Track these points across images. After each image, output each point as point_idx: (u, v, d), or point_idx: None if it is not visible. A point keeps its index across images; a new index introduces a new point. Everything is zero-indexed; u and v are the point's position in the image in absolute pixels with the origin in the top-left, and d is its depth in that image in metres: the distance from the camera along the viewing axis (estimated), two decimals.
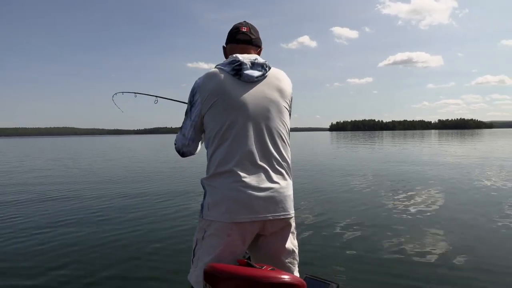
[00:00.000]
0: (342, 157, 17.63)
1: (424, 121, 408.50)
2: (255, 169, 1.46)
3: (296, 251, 1.59)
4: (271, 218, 1.44)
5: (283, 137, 1.56)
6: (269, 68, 1.60)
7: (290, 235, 1.56)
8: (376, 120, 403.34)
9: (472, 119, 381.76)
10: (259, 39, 1.74)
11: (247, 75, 1.52)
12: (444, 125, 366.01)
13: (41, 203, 6.87)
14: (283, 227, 1.52)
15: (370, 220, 5.14)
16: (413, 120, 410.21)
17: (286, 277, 1.26)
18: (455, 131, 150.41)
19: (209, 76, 1.55)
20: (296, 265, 1.59)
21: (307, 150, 24.66)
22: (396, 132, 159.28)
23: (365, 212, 5.66)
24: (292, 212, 1.53)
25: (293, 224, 1.58)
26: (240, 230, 1.42)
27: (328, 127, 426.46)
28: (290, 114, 1.67)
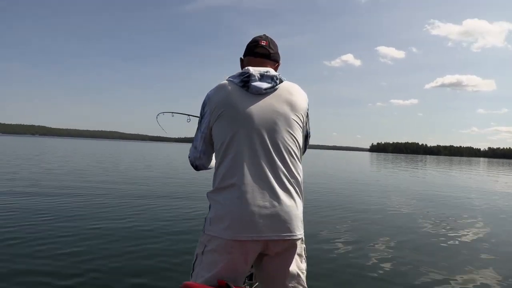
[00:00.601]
0: (381, 179, 17.04)
1: (473, 147, 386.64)
2: (259, 185, 1.38)
3: (303, 275, 1.49)
4: (275, 238, 1.37)
5: (292, 152, 1.47)
6: (281, 81, 1.54)
7: (296, 257, 1.46)
8: (420, 143, 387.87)
9: None
10: (278, 54, 1.70)
11: (255, 86, 1.48)
12: (494, 154, 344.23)
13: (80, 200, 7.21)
14: (287, 249, 1.43)
15: (402, 244, 4.91)
16: (461, 146, 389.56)
17: None
18: (507, 160, 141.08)
19: (219, 88, 1.54)
20: None
21: (345, 169, 24.14)
22: (441, 157, 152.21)
23: (398, 236, 5.41)
24: (299, 233, 1.42)
25: (302, 246, 1.50)
26: (241, 248, 1.36)
27: (368, 147, 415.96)
28: (305, 130, 1.60)
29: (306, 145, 1.69)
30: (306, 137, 1.66)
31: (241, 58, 1.72)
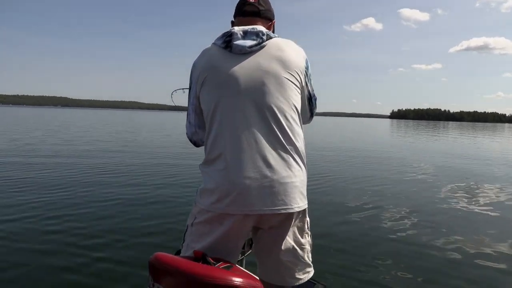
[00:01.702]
0: (401, 147, 16.80)
1: (498, 113, 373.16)
2: (248, 154, 1.25)
3: (302, 251, 1.38)
4: (268, 212, 1.25)
5: (288, 116, 1.31)
6: (269, 38, 1.36)
7: (295, 231, 1.36)
8: (442, 109, 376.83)
9: None
10: (270, 11, 1.52)
11: (238, 45, 1.32)
12: None
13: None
14: (282, 222, 1.32)
15: (422, 214, 4.92)
16: (485, 112, 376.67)
17: (236, 280, 1.07)
18: None
19: (202, 53, 1.41)
20: (302, 265, 1.39)
21: (364, 137, 23.86)
22: (464, 123, 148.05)
23: (418, 206, 5.40)
24: (296, 206, 1.29)
25: (304, 220, 1.39)
26: (232, 222, 1.26)
27: (389, 114, 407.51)
28: (306, 92, 1.45)
29: (311, 109, 1.54)
30: (310, 99, 1.50)
31: (232, 21, 1.56)
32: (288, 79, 1.33)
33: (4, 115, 44.09)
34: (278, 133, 1.28)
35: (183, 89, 2.69)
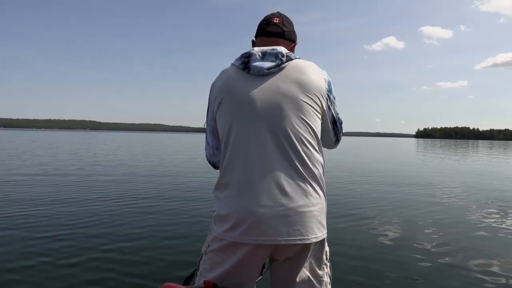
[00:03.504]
0: (429, 167, 16.28)
1: None
2: (263, 180, 1.19)
3: (319, 282, 1.30)
4: (283, 242, 1.18)
5: (305, 141, 1.24)
6: (289, 59, 1.31)
7: (312, 262, 1.29)
8: (471, 128, 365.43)
9: None
10: (293, 32, 1.48)
11: (256, 67, 1.28)
12: None
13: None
14: (299, 253, 1.24)
15: (454, 239, 4.67)
16: None
17: None
18: None
19: (220, 74, 1.38)
20: None
21: (388, 157, 23.34)
22: (495, 142, 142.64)
23: (449, 230, 5.15)
24: (313, 236, 1.21)
25: (322, 250, 1.31)
26: (245, 252, 1.20)
27: (414, 133, 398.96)
28: (330, 115, 1.38)
29: (336, 133, 1.46)
30: (335, 123, 1.42)
31: (252, 40, 1.52)
32: (307, 103, 1.27)
33: (39, 138, 46.03)
34: (294, 159, 1.22)
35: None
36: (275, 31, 1.43)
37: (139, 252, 3.77)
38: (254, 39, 1.51)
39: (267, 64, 1.28)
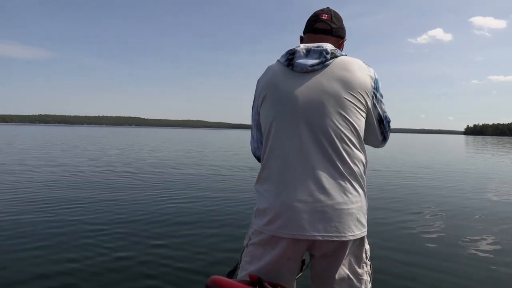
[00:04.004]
0: (480, 166, 15.37)
1: None
2: (301, 176, 1.21)
3: (358, 280, 1.30)
4: (319, 238, 1.19)
5: (346, 138, 1.24)
6: (334, 56, 1.30)
7: (350, 260, 1.28)
8: None
9: None
10: (342, 29, 1.47)
11: (299, 64, 1.29)
12: None
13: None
14: (336, 250, 1.25)
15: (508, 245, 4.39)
16: None
17: None
18: None
19: (266, 70, 1.41)
20: None
21: (435, 155, 22.28)
22: None
23: (503, 234, 4.85)
24: (350, 234, 1.21)
25: (362, 248, 1.30)
26: (283, 245, 1.22)
27: (463, 130, 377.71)
28: (376, 113, 1.36)
29: (383, 132, 1.42)
30: (381, 122, 1.39)
31: (301, 36, 1.51)
32: (350, 101, 1.26)
33: (98, 133, 48.73)
34: (334, 157, 1.23)
35: None
36: (322, 27, 1.43)
37: (187, 248, 3.90)
38: (303, 35, 1.50)
39: (310, 62, 1.28)
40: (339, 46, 1.46)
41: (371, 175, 9.71)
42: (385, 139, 1.46)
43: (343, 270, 1.28)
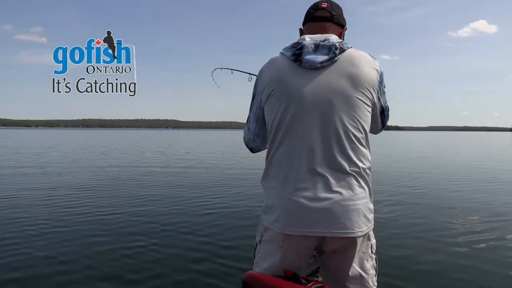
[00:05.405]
0: None
1: None
2: (310, 173, 1.22)
3: (367, 276, 1.31)
4: (328, 235, 1.21)
5: (352, 136, 1.25)
6: (342, 50, 1.28)
7: (359, 256, 1.29)
8: None
9: None
10: (342, 17, 1.45)
11: (308, 60, 1.26)
12: None
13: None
14: (346, 247, 1.26)
15: None
16: None
17: None
18: None
19: (270, 62, 1.37)
20: None
21: (480, 153, 21.11)
22: None
23: None
24: (358, 230, 1.22)
25: (368, 243, 1.32)
26: (292, 243, 1.24)
27: (510, 127, 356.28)
28: (379, 106, 1.38)
29: (383, 121, 1.47)
30: (383, 112, 1.43)
31: (300, 29, 1.49)
32: (359, 98, 1.27)
33: (138, 136, 50.69)
34: (341, 154, 1.24)
35: (221, 68, 2.63)
36: (323, 15, 1.42)
37: (221, 244, 3.92)
38: (302, 27, 1.49)
39: (320, 58, 1.27)
40: (340, 34, 1.45)
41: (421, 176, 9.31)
42: (383, 126, 1.51)
43: (355, 268, 1.30)
